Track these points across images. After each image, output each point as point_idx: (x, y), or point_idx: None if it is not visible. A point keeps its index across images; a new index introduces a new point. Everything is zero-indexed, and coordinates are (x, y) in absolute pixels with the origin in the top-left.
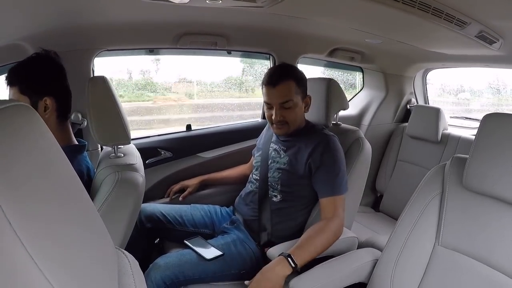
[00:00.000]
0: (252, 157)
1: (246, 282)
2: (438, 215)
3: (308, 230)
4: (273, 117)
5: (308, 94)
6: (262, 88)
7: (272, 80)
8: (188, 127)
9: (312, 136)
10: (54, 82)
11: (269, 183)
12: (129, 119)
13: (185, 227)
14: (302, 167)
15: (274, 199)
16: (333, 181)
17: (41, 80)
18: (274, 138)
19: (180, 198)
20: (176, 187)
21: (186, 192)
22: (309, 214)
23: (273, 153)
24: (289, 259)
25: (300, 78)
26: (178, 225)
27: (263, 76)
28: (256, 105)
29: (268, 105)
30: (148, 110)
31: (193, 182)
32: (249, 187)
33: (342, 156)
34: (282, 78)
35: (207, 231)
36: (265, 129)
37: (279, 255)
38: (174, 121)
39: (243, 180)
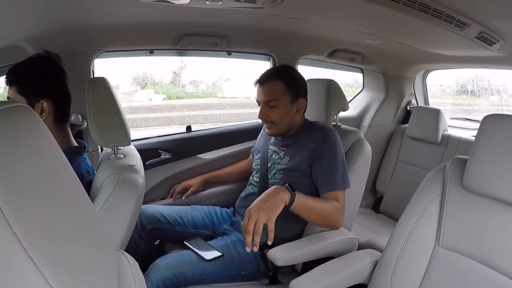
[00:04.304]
0: (251, 156)
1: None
2: (438, 216)
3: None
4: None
5: (303, 97)
6: None
7: (260, 79)
8: (188, 128)
9: (312, 131)
10: (53, 85)
11: (269, 185)
12: None
13: (185, 228)
14: (305, 162)
15: None
16: (334, 177)
17: (39, 82)
18: (272, 139)
19: (184, 198)
20: (179, 187)
21: (189, 192)
22: None
23: (273, 155)
24: (291, 192)
25: (291, 80)
26: (178, 226)
27: None
28: None
29: (258, 103)
30: None
31: (195, 181)
32: (249, 189)
33: (342, 151)
34: (270, 78)
35: (207, 232)
36: (262, 129)
37: (285, 185)
38: None
39: (244, 176)
